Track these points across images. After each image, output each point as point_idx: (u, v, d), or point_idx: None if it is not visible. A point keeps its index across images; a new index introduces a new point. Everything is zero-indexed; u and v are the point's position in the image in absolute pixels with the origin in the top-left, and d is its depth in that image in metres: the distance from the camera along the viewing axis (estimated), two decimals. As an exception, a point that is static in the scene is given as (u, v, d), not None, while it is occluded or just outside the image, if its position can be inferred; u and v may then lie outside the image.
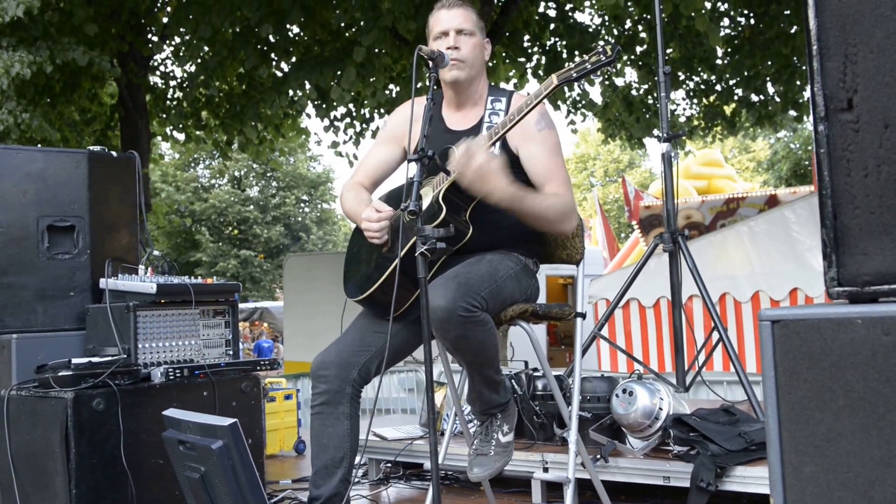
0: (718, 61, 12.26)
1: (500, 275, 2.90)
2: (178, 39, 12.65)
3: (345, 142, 12.80)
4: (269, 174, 34.48)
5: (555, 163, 3.04)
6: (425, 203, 2.93)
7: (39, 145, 9.92)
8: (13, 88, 8.75)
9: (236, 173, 34.44)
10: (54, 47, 9.34)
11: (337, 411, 3.03)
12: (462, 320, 2.66)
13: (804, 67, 11.25)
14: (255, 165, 32.38)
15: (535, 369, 4.21)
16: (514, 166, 3.02)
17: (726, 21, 11.93)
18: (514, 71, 12.49)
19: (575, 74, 2.72)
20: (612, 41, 12.35)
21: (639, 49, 12.26)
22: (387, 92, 11.52)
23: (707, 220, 13.73)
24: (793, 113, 12.33)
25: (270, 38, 10.65)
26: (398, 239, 2.89)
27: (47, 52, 9.17)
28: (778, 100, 12.26)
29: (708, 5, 10.47)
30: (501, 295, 2.88)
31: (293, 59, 11.36)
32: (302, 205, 35.09)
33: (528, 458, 3.94)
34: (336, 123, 12.66)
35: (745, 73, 11.88)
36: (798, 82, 11.73)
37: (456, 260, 2.92)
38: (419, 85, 2.83)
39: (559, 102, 12.74)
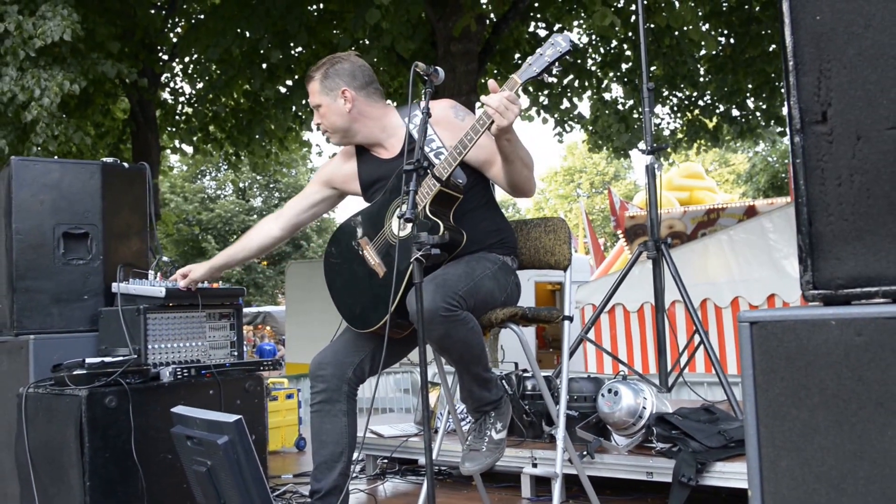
0: (701, 78, 12.30)
1: (476, 273, 2.83)
2: (187, 59, 12.68)
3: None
4: (271, 185, 34.44)
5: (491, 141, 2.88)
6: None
7: (56, 157, 9.95)
8: (55, 105, 8.82)
9: (241, 185, 34.39)
10: (84, 63, 9.39)
11: (335, 409, 3.02)
12: (443, 320, 2.62)
13: (782, 84, 11.30)
14: (258, 177, 32.31)
15: (525, 370, 4.21)
16: (464, 167, 2.95)
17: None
18: (504, 88, 12.48)
19: (536, 70, 2.65)
20: (575, 42, 12.31)
21: (624, 66, 12.30)
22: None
23: (689, 230, 13.73)
24: (777, 128, 12.38)
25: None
26: (391, 262, 2.85)
27: (79, 67, 9.22)
28: (759, 114, 12.30)
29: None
30: (480, 293, 2.82)
31: (296, 76, 11.38)
32: (303, 214, 35.00)
33: (517, 454, 3.94)
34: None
35: (727, 90, 11.92)
36: (780, 99, 11.78)
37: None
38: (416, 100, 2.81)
39: (547, 115, 12.76)
